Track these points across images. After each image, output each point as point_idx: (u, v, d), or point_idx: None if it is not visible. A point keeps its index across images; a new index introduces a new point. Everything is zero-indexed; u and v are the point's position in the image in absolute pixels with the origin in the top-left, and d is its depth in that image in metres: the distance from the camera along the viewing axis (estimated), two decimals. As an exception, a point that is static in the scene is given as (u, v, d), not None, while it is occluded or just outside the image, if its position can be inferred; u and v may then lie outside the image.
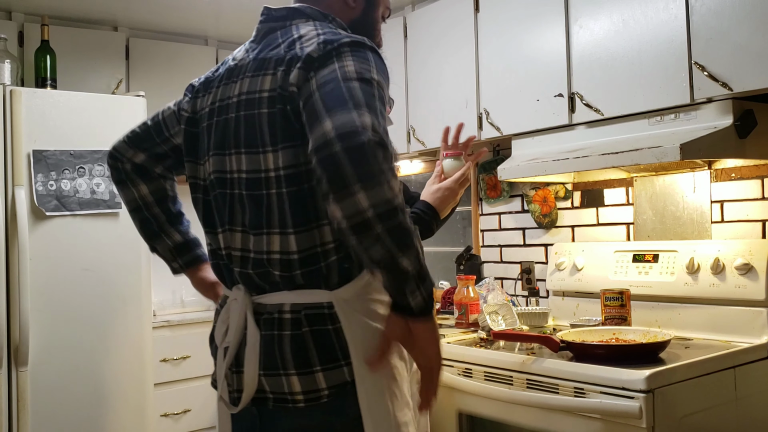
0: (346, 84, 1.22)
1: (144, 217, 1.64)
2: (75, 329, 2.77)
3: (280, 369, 1.29)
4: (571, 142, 2.44)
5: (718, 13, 2.01)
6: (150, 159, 1.61)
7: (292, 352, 1.29)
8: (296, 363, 1.28)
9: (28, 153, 2.71)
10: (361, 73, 1.25)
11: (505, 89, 2.67)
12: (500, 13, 2.69)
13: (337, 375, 1.28)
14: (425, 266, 1.22)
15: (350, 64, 1.26)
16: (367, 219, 1.13)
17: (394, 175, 1.18)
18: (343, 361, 1.29)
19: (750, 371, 2.05)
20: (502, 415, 2.10)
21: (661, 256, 2.43)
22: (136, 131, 1.61)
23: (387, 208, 1.14)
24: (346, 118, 1.17)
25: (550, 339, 2.08)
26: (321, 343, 1.28)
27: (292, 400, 1.29)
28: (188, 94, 1.52)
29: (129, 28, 3.58)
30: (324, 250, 1.30)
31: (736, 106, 2.04)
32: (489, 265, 3.23)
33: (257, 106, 1.33)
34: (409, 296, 1.20)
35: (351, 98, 1.20)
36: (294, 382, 1.28)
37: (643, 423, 1.76)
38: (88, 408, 2.77)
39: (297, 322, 1.29)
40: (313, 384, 1.28)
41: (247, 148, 1.34)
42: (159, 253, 1.67)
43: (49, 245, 2.73)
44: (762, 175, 2.30)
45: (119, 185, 1.64)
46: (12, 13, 3.27)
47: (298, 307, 1.30)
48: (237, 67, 1.42)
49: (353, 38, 1.31)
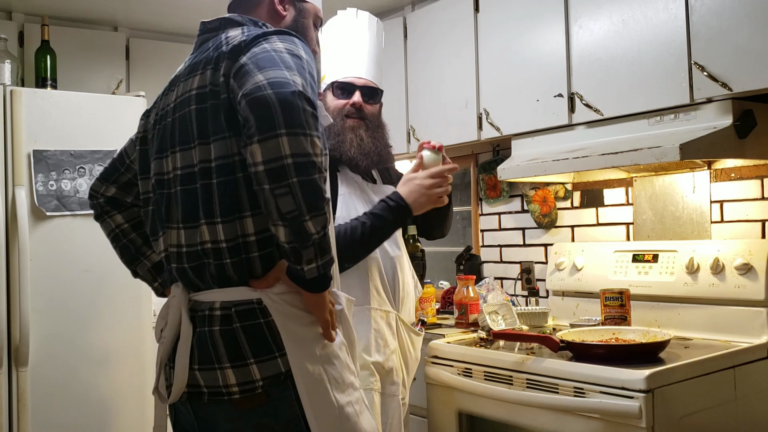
0: (277, 53, 1.30)
1: (123, 244, 1.67)
2: (75, 329, 2.77)
3: (214, 363, 1.32)
4: (570, 142, 2.44)
5: (718, 13, 2.01)
6: (120, 190, 1.66)
7: (225, 347, 1.32)
8: (230, 356, 1.31)
9: (29, 153, 2.71)
10: (291, 50, 1.33)
11: (505, 89, 2.67)
12: (500, 13, 2.69)
13: (271, 366, 1.31)
14: (330, 241, 1.28)
15: (279, 44, 1.33)
16: (284, 165, 1.19)
17: (318, 136, 1.23)
18: (277, 353, 1.32)
19: (750, 371, 2.05)
20: (502, 415, 2.10)
21: (660, 256, 2.44)
22: (105, 167, 1.68)
23: (305, 160, 1.20)
24: (278, 73, 1.24)
25: (550, 339, 2.08)
26: (253, 337, 1.32)
27: (228, 393, 1.32)
28: (143, 117, 1.60)
29: (129, 28, 3.58)
30: (245, 242, 1.33)
31: (736, 106, 2.04)
32: (489, 265, 3.23)
33: (187, 105, 1.39)
34: (305, 264, 1.25)
35: (282, 62, 1.27)
36: (229, 375, 1.31)
37: (642, 423, 1.76)
38: (88, 408, 2.77)
39: (227, 318, 1.33)
40: (248, 375, 1.31)
41: (180, 145, 1.39)
42: (141, 277, 1.70)
43: (49, 245, 2.73)
44: (762, 175, 2.30)
45: (99, 220, 1.69)
46: (12, 14, 3.27)
47: (228, 304, 1.33)
48: (175, 78, 1.50)
49: (278, 29, 1.40)
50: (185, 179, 1.38)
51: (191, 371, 1.35)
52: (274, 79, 1.22)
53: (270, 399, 1.32)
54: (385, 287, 1.95)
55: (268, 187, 1.20)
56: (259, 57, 1.29)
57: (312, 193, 1.21)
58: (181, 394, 1.37)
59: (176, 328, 1.38)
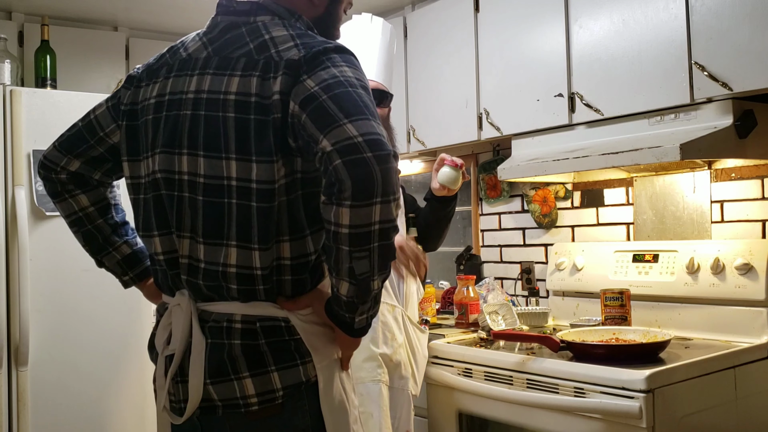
0: (355, 90, 1.19)
1: (87, 231, 1.51)
2: (75, 329, 2.77)
3: (230, 374, 1.24)
4: (571, 142, 2.44)
5: (718, 13, 2.01)
6: (86, 165, 1.46)
7: (245, 357, 1.24)
8: (249, 365, 1.24)
9: (28, 153, 2.70)
10: (361, 80, 1.23)
11: (505, 89, 2.67)
12: (500, 13, 2.69)
13: (293, 374, 1.25)
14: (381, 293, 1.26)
15: (347, 70, 1.22)
16: (370, 232, 1.13)
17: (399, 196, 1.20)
18: (299, 360, 1.26)
19: (750, 371, 2.05)
20: (502, 415, 2.10)
21: (661, 256, 2.43)
22: (67, 135, 1.46)
23: (389, 226, 1.15)
24: (368, 126, 1.14)
25: (550, 339, 2.08)
26: (277, 350, 1.25)
27: (245, 404, 1.24)
28: (128, 86, 1.41)
29: (129, 28, 3.58)
30: (279, 265, 1.26)
31: (736, 106, 2.04)
32: (489, 265, 3.23)
33: (222, 109, 1.24)
34: (357, 315, 1.23)
35: (365, 106, 1.17)
36: (247, 385, 1.24)
37: (643, 423, 1.76)
38: (88, 408, 2.77)
39: (251, 332, 1.25)
40: (268, 384, 1.24)
41: (206, 150, 1.25)
42: (107, 267, 1.56)
43: (49, 245, 2.73)
44: (762, 175, 2.30)
45: (56, 198, 1.50)
46: (12, 13, 3.26)
47: (252, 318, 1.25)
48: (192, 60, 1.32)
49: (335, 44, 1.28)
50: (212, 191, 1.25)
51: (204, 386, 1.25)
52: (369, 137, 1.13)
53: (284, 409, 1.25)
54: (390, 282, 1.98)
55: (347, 248, 1.14)
56: (336, 93, 1.17)
57: (386, 256, 1.18)
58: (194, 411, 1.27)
59: (186, 341, 1.28)
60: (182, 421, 1.29)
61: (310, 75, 1.20)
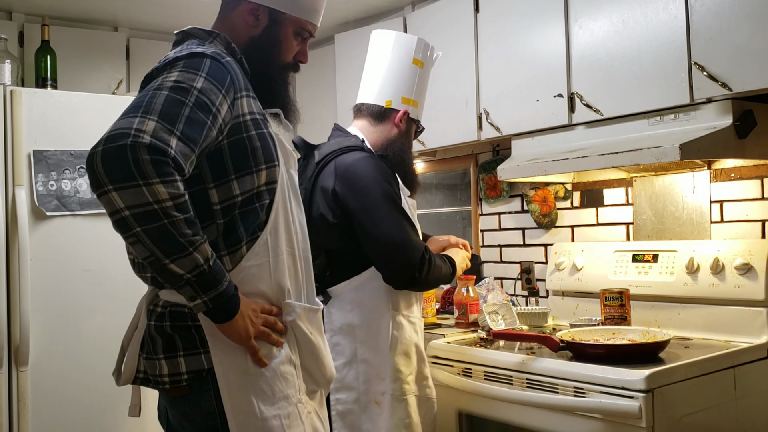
0: (155, 92, 1.29)
1: None
2: (75, 330, 2.77)
3: (153, 354, 1.42)
4: (570, 142, 2.44)
5: (718, 13, 2.01)
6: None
7: (160, 338, 1.41)
8: (164, 348, 1.41)
9: (29, 153, 2.70)
10: (180, 82, 1.30)
11: (505, 89, 2.67)
12: (500, 13, 2.69)
13: (196, 361, 1.39)
14: (218, 274, 1.30)
15: (174, 75, 1.32)
16: (123, 218, 1.21)
17: (166, 179, 1.21)
18: (201, 350, 1.40)
19: (749, 371, 2.05)
20: (502, 415, 2.10)
21: (660, 256, 2.44)
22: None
23: (144, 210, 1.21)
24: (124, 123, 1.23)
25: (550, 339, 2.08)
26: (183, 335, 1.41)
27: (162, 383, 1.42)
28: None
29: (129, 28, 3.58)
30: None
31: (736, 106, 2.04)
32: (489, 265, 3.23)
33: None
34: (189, 301, 1.32)
35: (146, 104, 1.26)
36: (163, 366, 1.41)
37: (642, 423, 1.76)
38: (88, 408, 2.77)
39: (161, 315, 1.42)
40: (177, 367, 1.40)
41: None
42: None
43: (49, 245, 2.73)
44: (761, 175, 2.30)
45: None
46: (12, 14, 3.27)
47: (166, 304, 1.43)
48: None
49: (195, 51, 1.38)
50: None
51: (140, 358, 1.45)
52: (112, 132, 1.22)
53: (192, 391, 1.40)
54: (417, 297, 2.14)
55: (122, 237, 1.26)
56: (138, 96, 1.31)
57: (161, 240, 1.23)
58: (134, 379, 1.46)
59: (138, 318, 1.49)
60: (120, 385, 1.51)
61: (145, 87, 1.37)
